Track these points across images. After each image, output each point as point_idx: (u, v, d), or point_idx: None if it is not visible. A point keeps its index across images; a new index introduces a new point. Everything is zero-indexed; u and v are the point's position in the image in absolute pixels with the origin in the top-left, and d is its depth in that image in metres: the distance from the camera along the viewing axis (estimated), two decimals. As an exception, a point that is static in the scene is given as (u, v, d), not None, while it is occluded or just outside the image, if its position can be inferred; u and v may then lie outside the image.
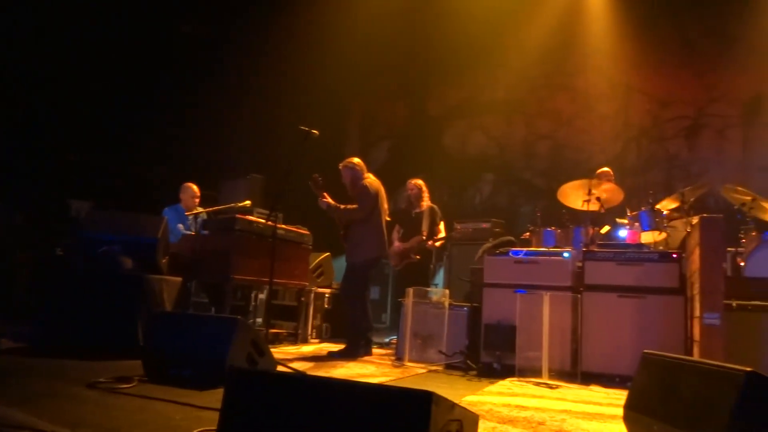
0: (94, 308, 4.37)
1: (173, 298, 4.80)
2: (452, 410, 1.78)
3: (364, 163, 5.65)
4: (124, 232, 4.80)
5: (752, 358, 3.89)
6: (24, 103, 7.65)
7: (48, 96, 7.69)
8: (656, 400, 2.29)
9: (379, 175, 5.78)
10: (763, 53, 7.72)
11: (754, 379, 1.84)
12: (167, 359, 3.36)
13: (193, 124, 8.72)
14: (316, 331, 6.83)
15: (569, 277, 4.75)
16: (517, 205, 9.28)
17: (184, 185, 6.49)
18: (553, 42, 9.02)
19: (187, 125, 8.71)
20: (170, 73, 8.64)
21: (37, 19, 7.47)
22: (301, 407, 1.77)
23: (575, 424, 2.87)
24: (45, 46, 7.52)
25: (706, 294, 3.73)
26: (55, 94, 7.69)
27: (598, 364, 4.50)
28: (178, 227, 6.19)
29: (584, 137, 8.96)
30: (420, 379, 4.30)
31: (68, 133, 7.80)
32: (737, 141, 8.09)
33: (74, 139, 7.87)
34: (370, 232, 5.44)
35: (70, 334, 4.30)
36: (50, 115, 7.80)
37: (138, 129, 8.41)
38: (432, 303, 5.35)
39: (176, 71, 8.67)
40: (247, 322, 3.53)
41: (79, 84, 7.81)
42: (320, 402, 1.75)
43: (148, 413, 2.61)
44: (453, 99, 10.05)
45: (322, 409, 1.74)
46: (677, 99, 8.39)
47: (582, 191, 5.56)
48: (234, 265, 5.36)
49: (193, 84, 8.71)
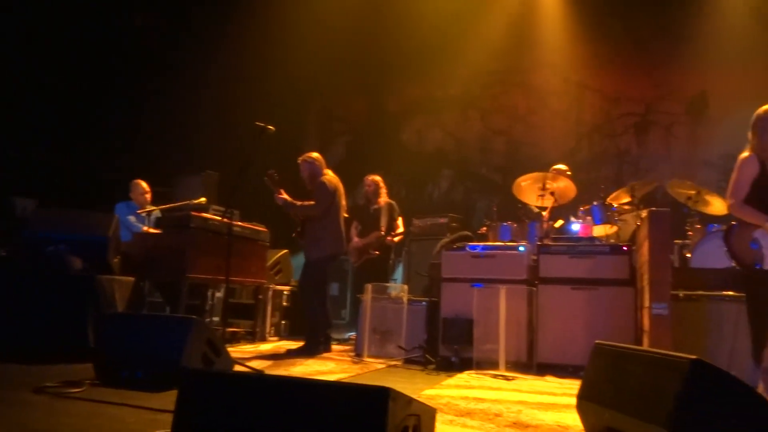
0: (41, 310, 4.22)
1: (126, 298, 4.68)
2: (410, 405, 1.79)
3: (323, 159, 5.62)
4: (73, 231, 4.64)
5: (699, 346, 4.05)
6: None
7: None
8: (607, 388, 2.35)
9: (338, 171, 5.76)
10: (707, 52, 8.02)
11: (699, 367, 1.90)
12: (120, 361, 3.27)
13: (146, 119, 8.50)
14: (275, 329, 6.77)
15: (525, 271, 4.84)
16: (473, 200, 9.39)
17: (133, 182, 6.39)
18: (508, 39, 9.15)
19: (140, 120, 8.48)
20: (122, 66, 8.39)
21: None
22: (257, 407, 1.75)
23: (531, 415, 2.93)
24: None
25: (655, 285, 3.85)
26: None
27: (553, 355, 4.61)
28: (130, 219, 6.08)
29: (538, 133, 9.13)
30: (379, 375, 4.31)
31: (11, 128, 7.49)
32: (683, 137, 8.38)
33: (18, 134, 7.56)
34: (328, 228, 5.42)
35: (16, 338, 4.13)
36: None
37: (87, 124, 8.13)
38: (391, 298, 5.37)
39: (128, 65, 8.42)
40: (202, 322, 3.47)
41: (25, 77, 7.51)
42: (276, 401, 1.74)
43: (100, 418, 2.54)
44: (410, 95, 10.09)
45: (279, 408, 1.72)
46: (627, 96, 8.64)
47: (536, 186, 5.67)
48: (189, 264, 5.26)
49: (145, 78, 8.49)
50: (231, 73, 9.01)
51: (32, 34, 7.41)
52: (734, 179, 3.64)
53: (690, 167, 8.12)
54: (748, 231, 3.50)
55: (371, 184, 6.73)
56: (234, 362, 3.74)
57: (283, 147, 8.82)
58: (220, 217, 5.41)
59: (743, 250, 3.51)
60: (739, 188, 3.59)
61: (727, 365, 3.62)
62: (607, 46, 8.64)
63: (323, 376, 4.09)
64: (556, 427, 2.69)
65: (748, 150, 3.65)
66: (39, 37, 7.47)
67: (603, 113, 8.81)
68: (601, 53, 8.67)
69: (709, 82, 8.13)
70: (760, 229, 3.46)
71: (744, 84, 7.55)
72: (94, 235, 4.71)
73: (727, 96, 7.83)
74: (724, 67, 7.89)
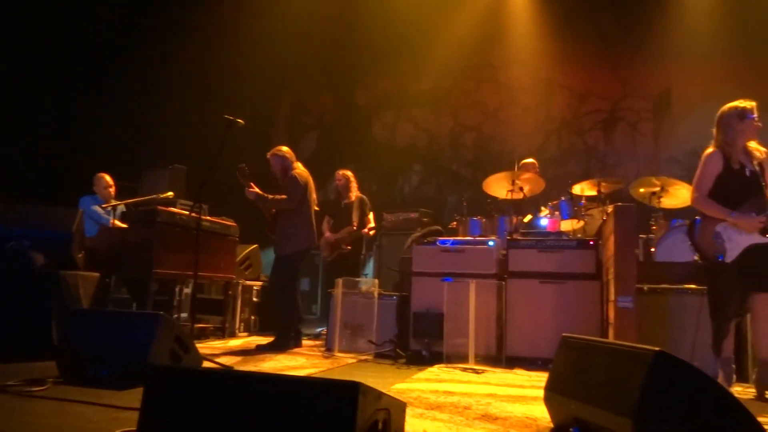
0: (2, 307, 4.10)
1: (90, 294, 4.57)
2: (379, 399, 1.79)
3: (293, 153, 5.58)
4: (35, 226, 4.52)
5: (662, 338, 4.16)
6: None
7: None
8: (573, 380, 2.39)
9: (308, 166, 5.72)
10: (671, 51, 8.20)
11: (662, 359, 1.95)
12: (84, 359, 3.20)
13: (111, 112, 8.30)
14: (245, 325, 6.72)
15: (494, 265, 4.89)
16: (444, 195, 9.45)
17: (96, 176, 6.31)
18: (479, 35, 9.22)
19: (105, 113, 8.28)
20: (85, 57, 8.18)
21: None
22: (226, 403, 1.73)
23: (500, 407, 2.96)
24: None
25: (620, 278, 3.93)
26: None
27: (522, 348, 4.67)
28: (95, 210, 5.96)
29: (508, 129, 9.22)
30: (350, 369, 4.31)
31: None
32: (649, 133, 8.56)
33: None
34: (300, 223, 5.39)
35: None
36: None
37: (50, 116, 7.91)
38: (361, 293, 5.37)
39: (91, 56, 8.21)
40: (170, 318, 3.42)
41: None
42: (245, 397, 1.72)
43: (64, 416, 2.48)
44: (382, 89, 10.08)
45: (248, 404, 1.71)
46: (594, 93, 8.78)
47: (506, 181, 5.74)
48: (156, 259, 5.18)
49: (111, 69, 8.29)
50: (199, 65, 8.87)
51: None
52: (699, 174, 3.74)
53: (655, 163, 8.30)
54: (711, 225, 3.60)
55: (342, 178, 6.71)
56: (203, 358, 3.70)
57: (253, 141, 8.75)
58: (188, 211, 5.33)
59: (706, 243, 3.61)
60: (704, 183, 3.69)
61: (689, 356, 3.72)
62: (576, 43, 8.76)
63: (293, 371, 4.08)
64: (524, 419, 2.73)
65: (712, 146, 3.75)
66: (1, 27, 7.23)
67: (571, 110, 8.94)
68: (569, 51, 8.79)
69: (674, 80, 8.32)
70: (723, 222, 3.56)
71: (707, 82, 7.75)
72: (57, 231, 4.59)
73: (690, 94, 8.02)
74: (688, 66, 8.09)
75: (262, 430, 1.68)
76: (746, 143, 3.69)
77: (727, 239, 3.53)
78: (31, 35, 7.55)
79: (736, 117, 3.65)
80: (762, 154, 3.69)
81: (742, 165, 3.64)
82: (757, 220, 3.49)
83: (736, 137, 3.64)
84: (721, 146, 3.70)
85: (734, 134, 3.65)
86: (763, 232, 3.53)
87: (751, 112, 3.64)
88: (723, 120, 3.71)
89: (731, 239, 3.52)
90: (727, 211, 3.54)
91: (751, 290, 3.52)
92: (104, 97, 8.26)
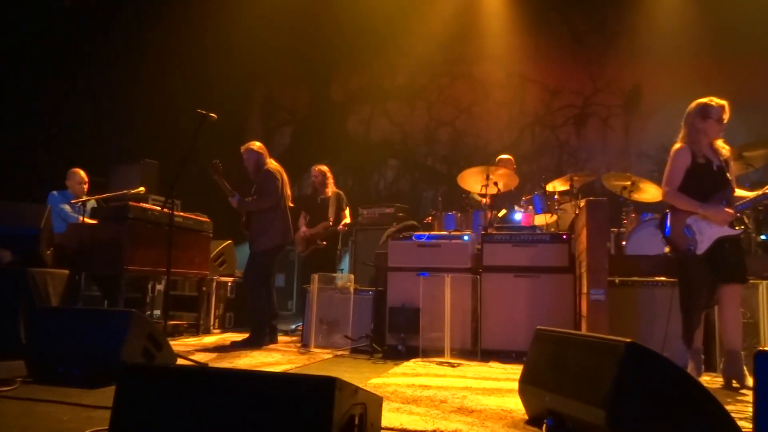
0: (-33, 306, 4.00)
1: (60, 292, 4.48)
2: (356, 394, 1.79)
3: (266, 148, 5.54)
4: (1, 223, 4.40)
5: (633, 330, 4.24)
6: None
7: None
8: (547, 372, 2.43)
9: (283, 161, 5.68)
10: (641, 47, 8.34)
11: (633, 350, 1.99)
12: (54, 358, 3.13)
13: (81, 106, 8.12)
14: (219, 321, 6.65)
15: (469, 259, 4.92)
16: (420, 190, 9.47)
17: (70, 171, 6.12)
18: (454, 30, 9.25)
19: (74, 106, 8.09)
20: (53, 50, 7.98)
21: None
22: (200, 400, 1.71)
23: (475, 400, 2.99)
24: None
25: (592, 272, 3.99)
26: None
27: (497, 342, 4.72)
28: (65, 208, 5.82)
29: (482, 124, 9.28)
30: (326, 365, 4.30)
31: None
32: (619, 129, 8.69)
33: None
34: (275, 219, 5.34)
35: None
36: None
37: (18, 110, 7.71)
38: (337, 288, 5.36)
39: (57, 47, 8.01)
40: (142, 315, 3.36)
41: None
42: (220, 394, 1.70)
43: (33, 417, 2.42)
44: (357, 84, 10.05)
45: (222, 401, 1.69)
46: (566, 89, 8.88)
47: (480, 176, 5.77)
48: (127, 256, 5.09)
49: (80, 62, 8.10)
50: (170, 59, 8.72)
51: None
52: (668, 169, 3.81)
53: (626, 158, 8.44)
54: (682, 218, 3.68)
55: (319, 174, 6.68)
56: (177, 356, 3.65)
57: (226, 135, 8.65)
58: (160, 207, 5.25)
59: (677, 235, 3.69)
60: (674, 177, 3.76)
61: (660, 347, 3.80)
62: (548, 39, 8.85)
63: (269, 367, 4.05)
64: (499, 411, 2.76)
65: (680, 141, 3.83)
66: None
67: (544, 105, 9.03)
68: (541, 46, 8.87)
69: (644, 77, 8.46)
70: (693, 215, 3.64)
71: (676, 79, 7.90)
72: (25, 227, 4.48)
73: (660, 90, 8.17)
74: (658, 63, 8.23)
75: (238, 427, 1.66)
76: (712, 141, 3.76)
77: (697, 231, 3.61)
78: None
79: (699, 116, 3.73)
80: (727, 152, 3.78)
81: (708, 160, 3.72)
82: (726, 211, 3.57)
83: (699, 135, 3.72)
84: (687, 142, 3.78)
85: (696, 132, 3.73)
86: (732, 224, 3.62)
87: (717, 112, 3.70)
88: (688, 118, 3.80)
89: (702, 231, 3.60)
90: (697, 204, 3.62)
91: (719, 281, 3.60)
92: (71, 90, 8.07)
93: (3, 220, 4.45)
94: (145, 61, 8.56)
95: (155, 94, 8.45)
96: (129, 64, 8.44)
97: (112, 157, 7.73)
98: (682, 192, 3.71)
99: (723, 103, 3.73)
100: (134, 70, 8.44)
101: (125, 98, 8.32)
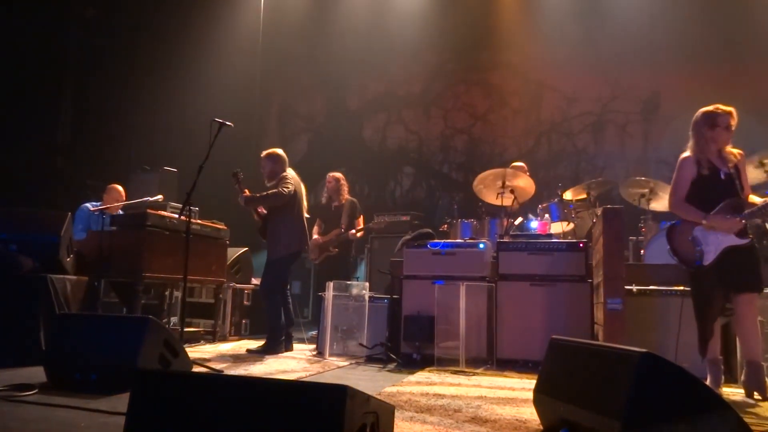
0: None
1: (79, 298, 4.55)
2: (368, 403, 1.79)
3: (286, 157, 5.51)
4: (22, 230, 4.49)
5: (650, 340, 4.17)
6: None
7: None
8: (562, 382, 2.40)
9: (299, 169, 5.70)
10: (658, 55, 8.26)
11: (649, 360, 1.96)
12: (72, 364, 3.18)
13: (100, 114, 8.25)
14: (235, 328, 6.68)
15: (485, 268, 4.90)
16: (435, 197, 9.45)
17: (109, 186, 6.23)
18: (469, 38, 9.25)
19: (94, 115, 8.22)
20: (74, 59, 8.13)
21: None
22: (214, 407, 1.72)
23: (490, 410, 2.97)
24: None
25: (609, 280, 3.95)
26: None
27: (512, 351, 4.68)
28: None
29: (498, 131, 9.24)
30: (340, 373, 4.30)
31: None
32: (638, 136, 8.60)
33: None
34: (291, 226, 5.36)
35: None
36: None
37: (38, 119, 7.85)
38: (352, 296, 5.36)
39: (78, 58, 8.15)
40: (158, 322, 3.40)
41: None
42: (233, 401, 1.71)
43: (50, 422, 2.46)
44: (373, 92, 10.08)
45: (236, 408, 1.70)
46: (584, 96, 8.81)
47: (496, 183, 5.74)
48: (145, 263, 5.16)
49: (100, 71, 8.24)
50: (189, 68, 8.83)
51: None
52: (674, 179, 3.77)
53: (644, 165, 8.34)
54: (688, 228, 3.63)
55: (332, 180, 6.71)
56: (192, 363, 3.68)
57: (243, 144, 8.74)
58: (178, 215, 5.30)
59: (685, 247, 3.63)
60: (679, 187, 3.72)
61: (676, 358, 3.74)
62: (565, 46, 8.80)
63: (284, 375, 4.06)
64: (514, 421, 2.73)
65: (689, 150, 3.78)
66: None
67: (561, 112, 8.97)
68: (558, 53, 8.83)
69: (662, 84, 8.37)
70: (699, 226, 3.58)
71: (694, 86, 7.81)
72: (46, 234, 4.56)
73: (678, 96, 8.07)
74: (675, 70, 8.14)
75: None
76: (721, 148, 3.70)
77: (704, 242, 3.55)
78: (17, 36, 7.48)
79: (707, 125, 3.66)
80: (737, 157, 3.71)
81: (715, 169, 3.65)
82: (734, 220, 3.50)
83: (708, 144, 3.66)
84: (694, 151, 3.73)
85: (705, 142, 3.67)
86: (740, 234, 3.54)
87: (724, 120, 3.63)
88: (695, 127, 3.74)
89: (708, 242, 3.54)
90: (702, 215, 3.57)
91: (733, 291, 3.54)
92: (91, 98, 8.19)
93: (24, 227, 4.54)
94: (165, 71, 8.68)
95: (174, 103, 8.55)
96: (150, 73, 8.56)
97: (131, 166, 7.83)
98: (690, 202, 3.67)
99: (730, 110, 3.67)
100: (154, 80, 8.55)
101: (144, 107, 8.43)
